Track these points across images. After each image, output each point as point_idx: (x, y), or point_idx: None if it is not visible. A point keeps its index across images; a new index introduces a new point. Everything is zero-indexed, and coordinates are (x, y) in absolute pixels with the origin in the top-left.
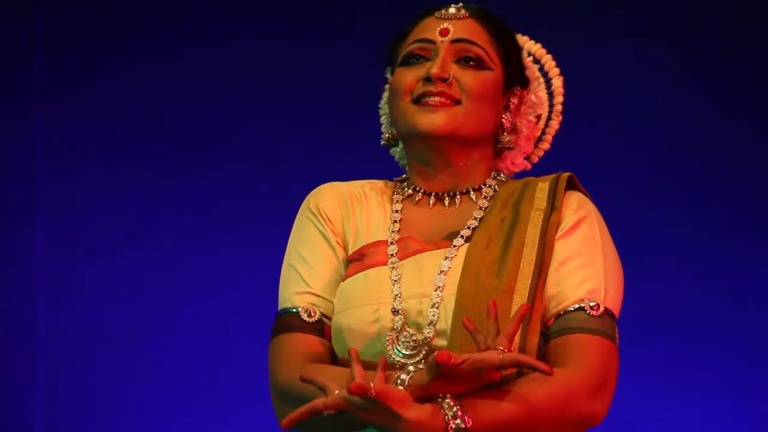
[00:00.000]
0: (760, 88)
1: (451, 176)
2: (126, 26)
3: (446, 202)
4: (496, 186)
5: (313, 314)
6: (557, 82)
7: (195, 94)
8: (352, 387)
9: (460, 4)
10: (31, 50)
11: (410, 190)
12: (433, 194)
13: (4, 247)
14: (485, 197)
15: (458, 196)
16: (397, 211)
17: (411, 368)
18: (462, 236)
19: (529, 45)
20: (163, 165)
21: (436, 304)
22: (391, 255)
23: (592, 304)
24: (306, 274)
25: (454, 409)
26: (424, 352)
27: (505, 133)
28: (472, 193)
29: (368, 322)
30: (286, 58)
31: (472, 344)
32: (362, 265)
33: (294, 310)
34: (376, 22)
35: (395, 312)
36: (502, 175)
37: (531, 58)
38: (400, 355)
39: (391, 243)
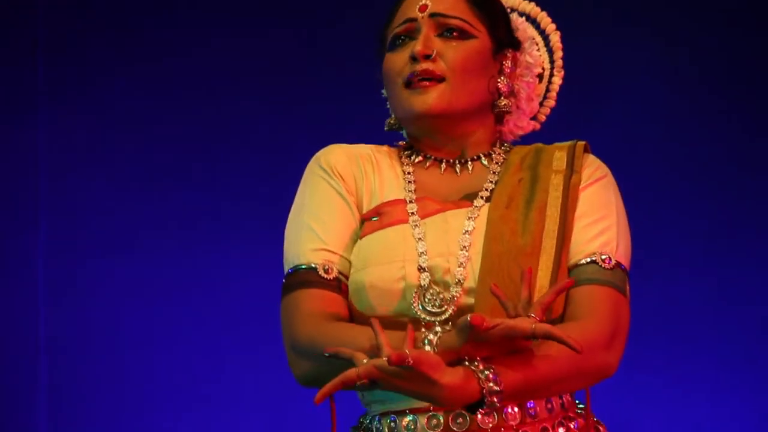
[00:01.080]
0: (763, 88)
1: (457, 146)
2: (128, 27)
3: (458, 169)
4: (504, 152)
5: (330, 271)
6: (555, 38)
7: (198, 95)
8: (392, 357)
9: None
10: (33, 51)
11: (420, 156)
12: (444, 160)
13: (7, 248)
14: (496, 163)
15: (469, 162)
16: (409, 173)
17: (438, 329)
18: (482, 197)
19: (523, 5)
20: (165, 166)
21: (463, 264)
22: (412, 213)
23: (603, 257)
24: (321, 231)
25: (486, 372)
26: (450, 311)
27: (502, 98)
28: (483, 158)
29: (393, 279)
30: (291, 59)
31: (498, 305)
32: (380, 223)
33: (312, 266)
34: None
35: (422, 269)
36: (506, 144)
37: (524, 18)
38: (426, 312)
39: (410, 202)
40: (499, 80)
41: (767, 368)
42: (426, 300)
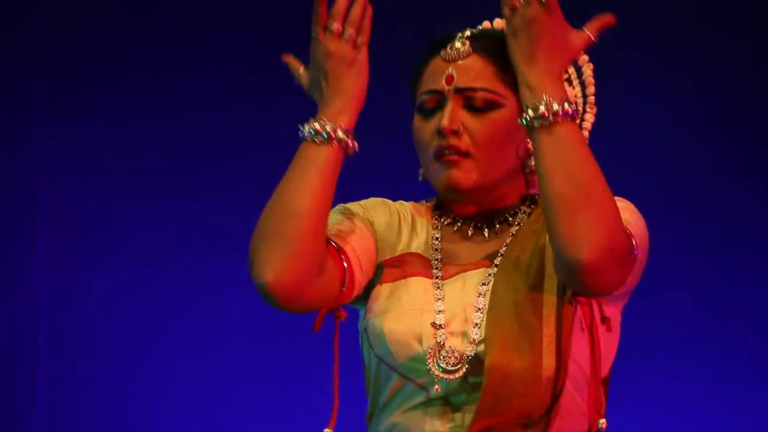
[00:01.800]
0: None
1: (483, 206)
2: (127, 39)
3: (485, 233)
4: (529, 210)
5: (342, 246)
6: (587, 71)
7: (197, 107)
8: None
9: (467, 32)
10: (32, 63)
11: (449, 218)
12: (472, 224)
13: (6, 260)
14: (518, 223)
15: (497, 225)
16: (437, 238)
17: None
18: (501, 254)
19: None
20: (164, 178)
21: (478, 325)
22: (435, 273)
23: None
24: (348, 233)
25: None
26: (465, 369)
27: (532, 159)
28: (510, 218)
29: (412, 333)
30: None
31: (510, 359)
32: (402, 272)
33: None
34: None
35: (438, 327)
36: (532, 201)
37: None
38: (441, 369)
39: (435, 262)
40: (528, 141)
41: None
42: (441, 358)
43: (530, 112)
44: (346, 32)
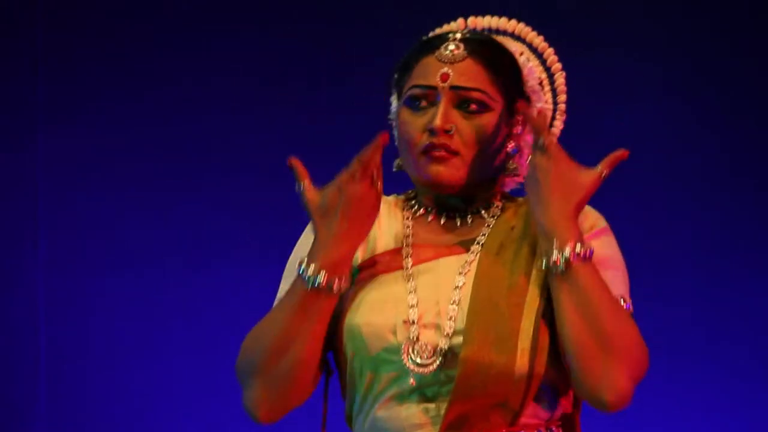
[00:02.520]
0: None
1: (461, 203)
2: (127, 40)
3: (458, 221)
4: (503, 203)
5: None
6: (560, 79)
7: (197, 108)
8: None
9: (459, 35)
10: (34, 68)
11: (422, 209)
12: (445, 213)
13: (6, 264)
14: (493, 216)
15: (469, 216)
16: (408, 227)
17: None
18: (478, 242)
19: (531, 37)
20: (165, 181)
21: (453, 317)
22: (406, 257)
23: (622, 301)
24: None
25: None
26: (438, 362)
27: (511, 161)
28: (482, 211)
29: (386, 326)
30: (292, 74)
31: (486, 345)
32: (376, 270)
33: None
34: (386, 34)
35: (411, 322)
36: (506, 195)
37: (530, 53)
38: (415, 363)
39: (406, 246)
40: (508, 144)
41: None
42: (415, 352)
43: (545, 259)
44: (375, 181)
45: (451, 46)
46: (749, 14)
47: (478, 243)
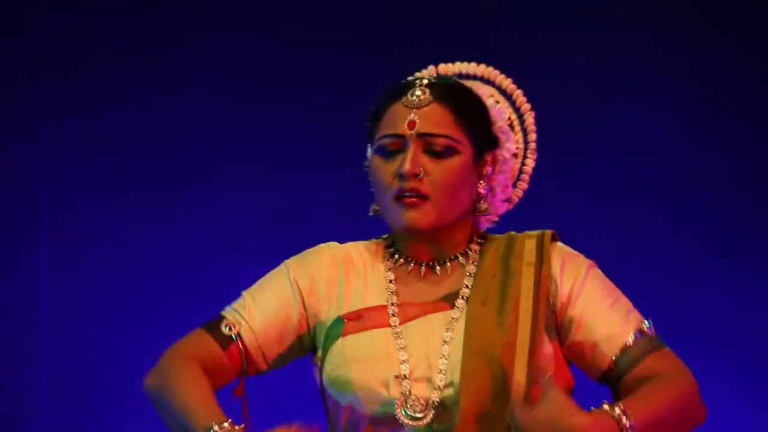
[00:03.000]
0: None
1: (436, 249)
2: (128, 43)
3: (437, 270)
4: (479, 245)
5: (233, 329)
6: (530, 119)
7: (200, 109)
8: None
9: (425, 81)
10: (34, 66)
11: (402, 259)
12: (423, 264)
13: (8, 264)
14: (473, 262)
15: (448, 263)
16: (391, 281)
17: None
18: (462, 296)
19: (500, 80)
20: (168, 180)
21: (443, 371)
22: (393, 315)
23: (645, 325)
24: (250, 304)
25: (617, 410)
26: (432, 415)
27: (482, 201)
28: (460, 257)
29: (378, 381)
30: (294, 71)
31: (481, 405)
32: (363, 325)
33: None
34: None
35: (403, 377)
36: (481, 234)
37: (496, 95)
38: (408, 417)
39: (392, 305)
40: (479, 185)
41: None
42: (408, 406)
43: None
44: None
45: (418, 92)
46: (749, 14)
47: (462, 297)
